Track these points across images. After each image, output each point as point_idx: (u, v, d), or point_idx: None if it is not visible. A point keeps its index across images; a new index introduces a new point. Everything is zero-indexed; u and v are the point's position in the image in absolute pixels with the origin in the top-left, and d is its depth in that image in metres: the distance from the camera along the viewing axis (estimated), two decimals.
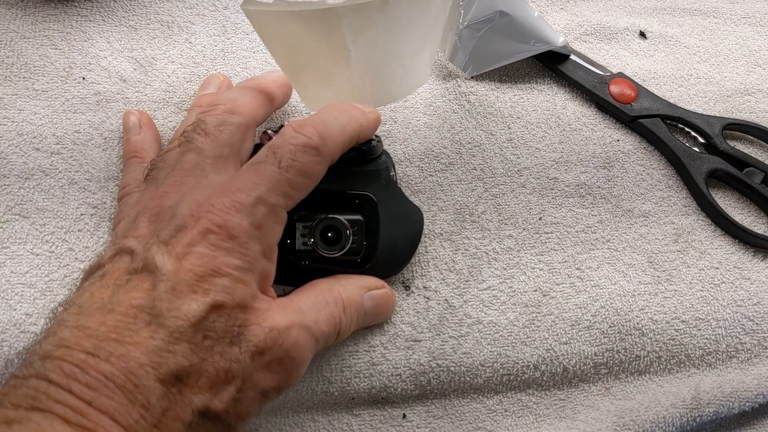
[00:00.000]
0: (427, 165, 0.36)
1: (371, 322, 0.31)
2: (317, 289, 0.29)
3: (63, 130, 0.33)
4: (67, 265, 0.31)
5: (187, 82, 0.36)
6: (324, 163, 0.28)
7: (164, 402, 0.22)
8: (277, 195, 0.26)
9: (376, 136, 0.34)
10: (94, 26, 0.36)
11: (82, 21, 0.36)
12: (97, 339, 0.22)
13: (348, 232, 0.30)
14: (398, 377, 0.31)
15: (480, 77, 0.39)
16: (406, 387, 0.31)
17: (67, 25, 0.36)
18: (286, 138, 0.27)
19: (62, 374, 0.21)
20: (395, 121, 0.37)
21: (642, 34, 0.44)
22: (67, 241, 0.31)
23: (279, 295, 0.31)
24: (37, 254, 0.31)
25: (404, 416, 0.31)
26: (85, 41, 0.36)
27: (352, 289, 0.30)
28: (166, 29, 0.37)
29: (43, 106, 0.34)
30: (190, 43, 0.37)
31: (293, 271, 0.30)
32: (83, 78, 0.35)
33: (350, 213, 0.31)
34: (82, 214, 0.32)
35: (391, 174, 0.34)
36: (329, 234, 0.30)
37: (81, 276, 0.26)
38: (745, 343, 0.35)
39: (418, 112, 0.38)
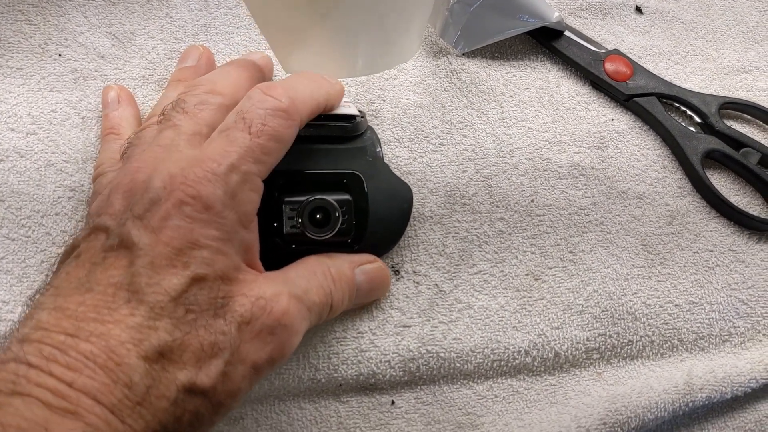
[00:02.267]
0: (417, 146, 0.34)
1: (366, 299, 0.30)
2: (306, 263, 0.28)
3: (39, 110, 0.31)
4: (45, 250, 0.29)
5: (168, 58, 0.34)
6: (294, 127, 0.26)
7: (147, 379, 0.20)
8: (249, 162, 0.24)
9: (360, 111, 0.32)
10: (69, 1, 0.34)
11: None
12: (76, 319, 0.20)
13: (337, 213, 0.29)
14: (387, 363, 0.30)
15: (471, 54, 0.37)
16: (394, 373, 0.30)
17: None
18: (255, 102, 0.25)
19: (41, 357, 0.20)
20: (384, 100, 0.35)
21: (638, 9, 0.41)
22: (44, 225, 0.29)
23: None
24: (13, 239, 0.29)
25: (393, 403, 0.30)
26: (61, 16, 0.33)
27: (343, 263, 0.28)
28: (146, 3, 0.34)
29: (17, 84, 0.31)
30: (171, 17, 0.35)
31: (282, 255, 0.29)
32: (59, 55, 0.32)
33: (338, 192, 0.29)
34: (59, 197, 0.30)
35: (378, 150, 0.32)
36: (318, 216, 0.29)
37: (57, 259, 0.24)
38: (739, 327, 0.33)
39: (407, 90, 0.36)
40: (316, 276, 0.27)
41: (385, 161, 0.33)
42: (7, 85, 0.31)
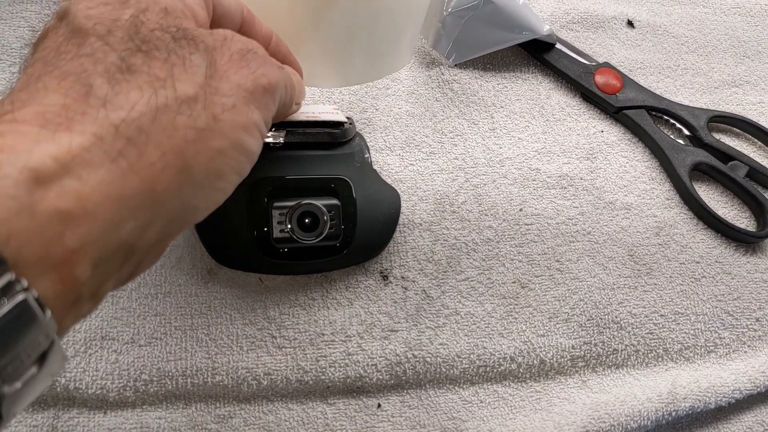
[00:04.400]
0: (408, 154, 0.34)
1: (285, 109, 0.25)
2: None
3: None
4: None
5: None
6: None
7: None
8: None
9: (348, 118, 0.32)
10: None
11: (60, 0, 0.34)
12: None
13: (325, 217, 0.29)
14: (374, 367, 0.30)
15: (463, 65, 0.37)
16: (381, 377, 0.30)
17: (44, 6, 0.34)
18: None
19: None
20: (377, 109, 0.35)
21: (630, 23, 0.41)
22: None
23: (255, 286, 0.30)
24: None
25: (379, 406, 0.30)
26: None
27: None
28: None
29: None
30: None
31: (271, 259, 0.29)
32: None
33: (326, 197, 0.29)
34: None
35: (366, 156, 0.32)
36: (306, 220, 0.29)
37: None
38: (724, 338, 0.33)
39: (400, 99, 0.36)
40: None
41: (377, 168, 0.33)
42: None
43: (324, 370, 0.29)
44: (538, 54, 0.38)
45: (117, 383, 0.28)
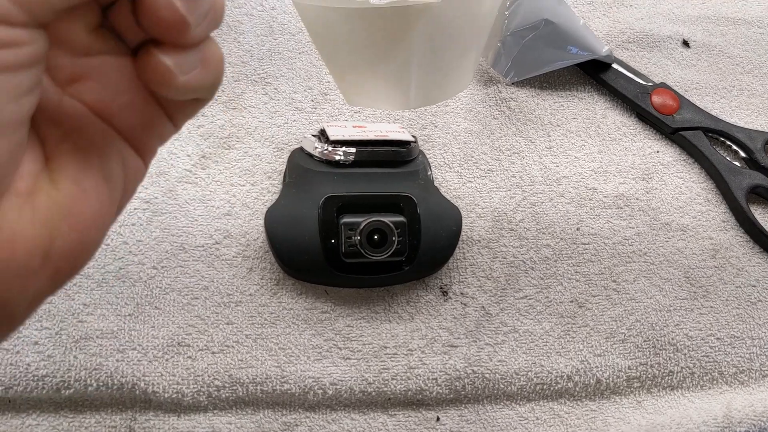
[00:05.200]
0: (467, 171, 0.35)
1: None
2: None
3: None
4: (122, 257, 0.30)
5: (235, 81, 0.35)
6: None
7: None
8: None
9: (413, 136, 0.33)
10: None
11: None
12: None
13: (394, 235, 0.29)
14: (434, 381, 0.30)
15: (520, 83, 0.38)
16: (441, 391, 0.30)
17: None
18: None
19: None
20: (435, 126, 0.36)
21: (685, 43, 0.41)
22: (121, 235, 0.31)
23: (321, 297, 0.30)
24: None
25: (438, 419, 0.31)
26: None
27: None
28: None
29: None
30: (239, 42, 0.36)
31: (338, 272, 0.30)
32: None
33: (393, 214, 0.30)
34: (135, 209, 0.31)
35: (429, 173, 0.33)
36: (375, 237, 0.30)
37: None
38: None
39: (458, 117, 0.36)
40: None
41: (436, 185, 0.34)
42: None
43: (387, 382, 0.30)
44: (594, 73, 0.38)
45: (192, 388, 0.29)
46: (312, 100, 0.35)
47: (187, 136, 0.33)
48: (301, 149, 0.32)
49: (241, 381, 0.29)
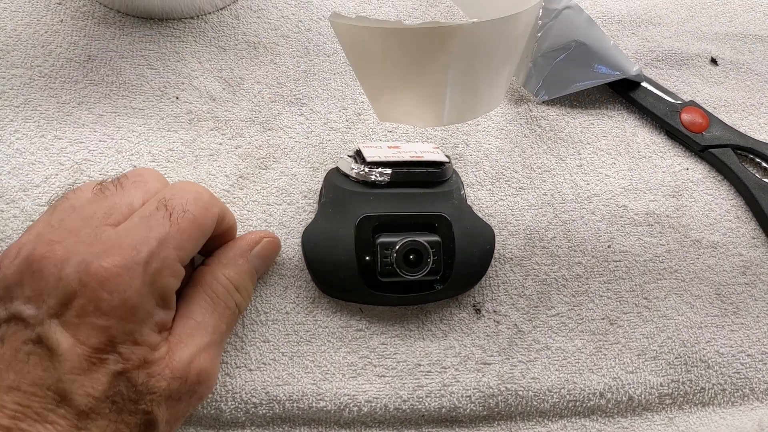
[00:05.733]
0: (498, 189, 0.35)
1: (264, 271, 0.31)
2: (204, 285, 0.27)
3: (158, 148, 0.33)
4: None
5: (272, 102, 0.36)
6: (213, 217, 0.26)
7: None
8: (169, 248, 0.24)
9: (447, 156, 0.33)
10: (186, 47, 0.36)
11: (175, 42, 0.36)
12: (16, 419, 0.21)
13: (429, 255, 0.30)
14: (468, 399, 0.31)
15: (551, 102, 0.38)
16: (474, 408, 0.31)
17: (161, 45, 0.36)
18: (177, 190, 0.26)
19: None
20: (467, 144, 0.36)
21: (713, 61, 0.41)
22: None
23: (356, 315, 0.31)
24: None
25: None
26: (179, 61, 0.36)
27: (237, 260, 0.28)
28: (253, 50, 0.37)
29: (139, 124, 0.34)
30: (275, 63, 0.37)
31: (373, 291, 0.30)
32: (176, 97, 0.35)
33: (428, 234, 0.31)
34: None
35: (462, 193, 0.33)
36: (411, 256, 0.30)
37: None
38: None
39: (489, 135, 0.37)
40: (218, 298, 0.27)
41: (469, 203, 0.34)
42: (131, 125, 0.34)
43: (421, 399, 0.30)
44: (623, 92, 0.38)
45: (230, 405, 0.29)
46: (346, 120, 0.36)
47: (225, 157, 0.34)
48: (337, 169, 0.32)
49: (278, 398, 0.30)
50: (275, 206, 0.33)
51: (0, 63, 0.34)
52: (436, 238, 0.30)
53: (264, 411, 0.30)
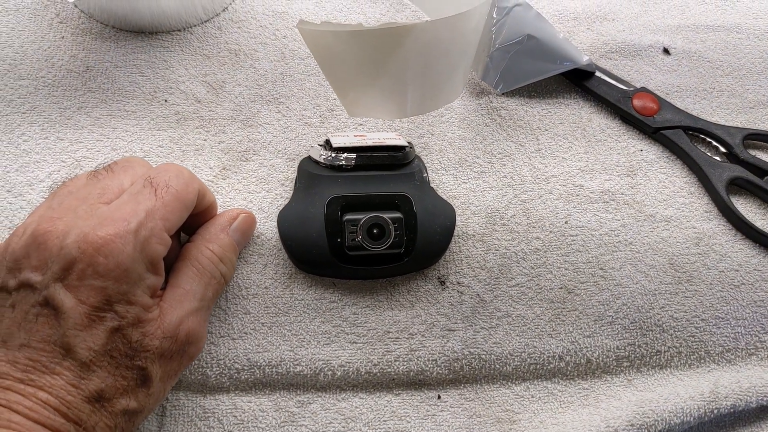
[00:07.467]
0: (461, 173, 0.38)
1: (245, 242, 0.33)
2: (191, 258, 0.30)
3: (149, 145, 0.37)
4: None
5: (252, 101, 0.39)
6: (194, 193, 0.29)
7: (94, 416, 0.25)
8: (155, 219, 0.27)
9: (408, 142, 0.36)
10: (174, 56, 0.40)
11: (164, 52, 0.40)
12: (27, 372, 0.24)
13: (390, 228, 0.32)
14: (434, 362, 0.33)
15: (510, 93, 0.41)
16: (441, 371, 0.33)
17: (152, 55, 0.39)
18: (161, 169, 0.29)
19: (7, 401, 0.24)
20: (432, 134, 0.39)
21: (666, 51, 0.44)
22: None
23: (330, 289, 0.33)
24: None
25: (439, 397, 0.33)
26: (167, 69, 0.39)
27: (218, 234, 0.31)
28: (234, 56, 0.40)
29: (132, 125, 0.37)
30: (254, 68, 0.40)
31: (344, 265, 0.32)
32: (165, 100, 0.38)
33: (391, 211, 0.33)
34: None
35: (424, 175, 0.35)
36: (374, 231, 0.32)
37: None
38: (765, 342, 0.34)
39: (453, 125, 0.39)
40: (204, 269, 0.30)
41: (434, 186, 0.37)
42: (125, 126, 0.37)
43: (390, 363, 0.33)
44: (579, 81, 0.41)
45: (215, 370, 0.32)
46: (320, 116, 0.39)
47: (210, 151, 0.37)
48: (309, 157, 0.35)
49: (259, 364, 0.32)
50: (255, 193, 0.36)
51: (8, 75, 0.38)
52: (398, 214, 0.33)
53: (246, 376, 0.32)
